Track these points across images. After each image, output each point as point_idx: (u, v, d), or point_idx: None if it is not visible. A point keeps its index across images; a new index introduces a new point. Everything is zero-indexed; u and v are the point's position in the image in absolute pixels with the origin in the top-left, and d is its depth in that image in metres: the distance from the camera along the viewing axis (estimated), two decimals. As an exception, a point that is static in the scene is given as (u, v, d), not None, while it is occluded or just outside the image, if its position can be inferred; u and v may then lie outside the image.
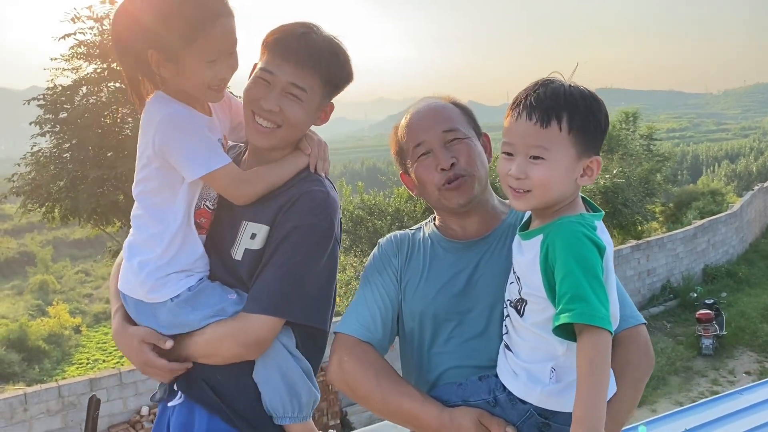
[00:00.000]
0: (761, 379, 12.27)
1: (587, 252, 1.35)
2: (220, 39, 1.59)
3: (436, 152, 1.72)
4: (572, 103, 1.40)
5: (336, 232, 1.74)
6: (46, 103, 14.89)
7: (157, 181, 1.69)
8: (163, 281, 1.69)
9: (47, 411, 9.15)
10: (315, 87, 1.69)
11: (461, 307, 1.71)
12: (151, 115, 1.67)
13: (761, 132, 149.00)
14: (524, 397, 1.49)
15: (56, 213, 15.25)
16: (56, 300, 29.07)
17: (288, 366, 1.71)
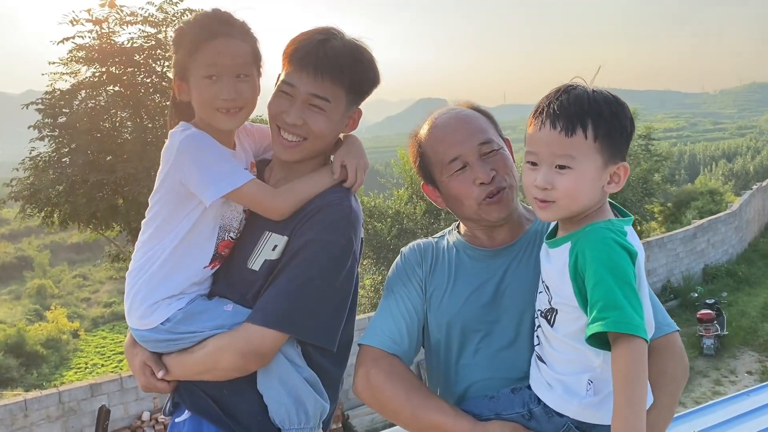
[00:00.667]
0: (763, 378, 12.30)
1: (618, 258, 1.31)
2: (218, 54, 1.60)
3: (474, 166, 1.67)
4: (597, 110, 1.36)
5: (355, 248, 1.70)
6: (45, 108, 14.84)
7: (163, 208, 1.69)
8: (153, 308, 1.68)
9: (47, 417, 9.10)
10: (338, 96, 1.66)
11: (489, 317, 1.67)
12: (171, 142, 1.68)
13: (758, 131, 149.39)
14: (561, 410, 1.46)
15: (55, 217, 15.20)
16: (54, 304, 29.02)
17: (289, 376, 1.67)
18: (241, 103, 1.65)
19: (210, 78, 1.62)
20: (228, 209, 1.72)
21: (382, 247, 17.97)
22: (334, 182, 1.72)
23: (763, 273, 20.32)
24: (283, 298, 1.63)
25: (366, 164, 1.78)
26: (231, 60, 1.62)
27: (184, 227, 1.68)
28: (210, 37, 1.61)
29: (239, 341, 1.62)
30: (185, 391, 1.74)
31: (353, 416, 11.58)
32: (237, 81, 1.63)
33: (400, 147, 21.50)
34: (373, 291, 18.37)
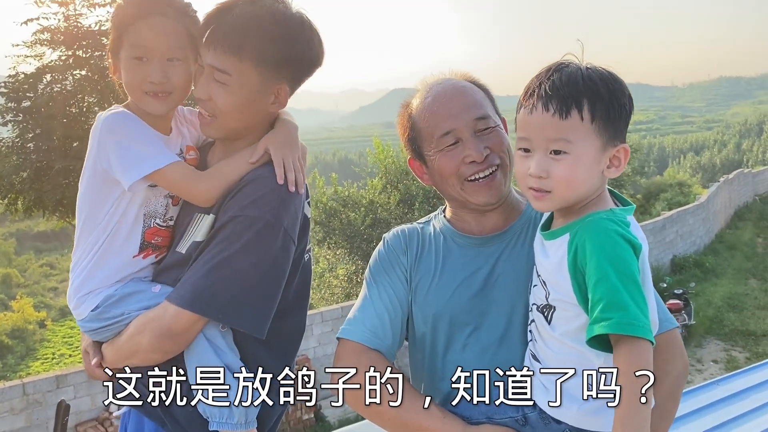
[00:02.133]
0: (728, 366, 12.58)
1: (622, 252, 1.20)
2: (148, 35, 1.54)
3: (468, 143, 1.54)
4: (593, 88, 1.24)
5: (286, 227, 1.54)
6: (8, 92, 14.44)
7: (89, 195, 1.63)
8: (84, 298, 1.64)
9: (11, 410, 8.87)
10: (243, 69, 1.53)
11: (479, 309, 1.56)
12: (96, 123, 1.61)
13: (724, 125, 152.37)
14: (559, 416, 1.35)
15: (19, 205, 14.85)
16: (20, 294, 28.42)
17: (207, 361, 1.53)
18: (170, 87, 1.58)
19: (139, 59, 1.56)
20: (151, 194, 1.64)
21: (356, 236, 17.91)
22: (252, 165, 1.59)
23: (729, 264, 20.79)
24: (199, 278, 1.50)
25: (299, 153, 1.64)
26: (162, 41, 1.55)
27: (110, 216, 1.61)
28: (143, 16, 1.54)
29: (155, 321, 1.53)
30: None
31: (326, 407, 11.54)
32: (168, 64, 1.57)
33: (374, 136, 21.41)
34: (347, 281, 18.32)
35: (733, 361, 13.13)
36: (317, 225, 18.51)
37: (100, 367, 1.66)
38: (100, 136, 1.57)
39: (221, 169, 1.60)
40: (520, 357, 1.50)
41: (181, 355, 1.57)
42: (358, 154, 72.85)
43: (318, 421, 11.32)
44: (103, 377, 1.68)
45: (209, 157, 1.72)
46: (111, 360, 1.65)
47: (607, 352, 1.22)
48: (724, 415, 3.57)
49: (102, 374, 1.67)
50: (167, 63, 1.57)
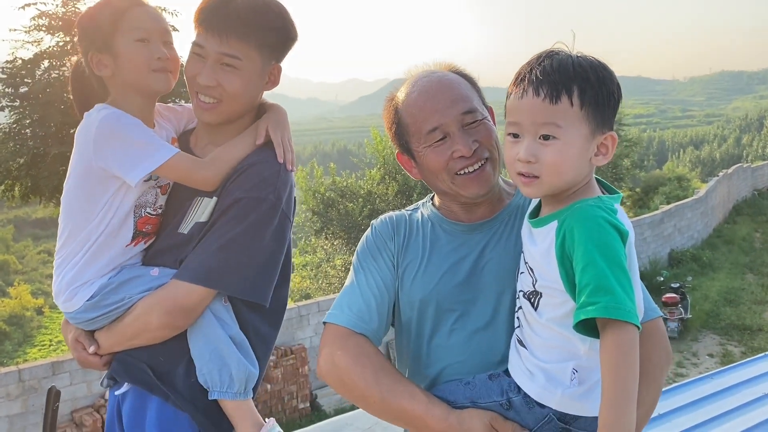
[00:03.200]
0: (724, 360, 12.62)
1: (609, 238, 1.21)
2: (145, 18, 1.63)
3: (455, 137, 1.54)
4: (583, 76, 1.26)
5: (283, 207, 1.67)
6: (5, 77, 14.37)
7: (80, 193, 1.67)
8: (76, 290, 1.68)
9: (7, 395, 8.90)
10: (249, 53, 1.63)
11: (465, 296, 1.56)
12: (86, 123, 1.64)
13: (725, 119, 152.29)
14: (543, 400, 1.35)
15: (16, 191, 14.84)
16: (18, 280, 28.42)
17: (215, 333, 1.63)
18: (172, 65, 1.67)
19: (142, 41, 1.62)
20: (142, 186, 1.69)
21: (354, 227, 17.91)
22: (258, 146, 1.70)
23: (726, 258, 20.83)
24: (209, 255, 1.61)
25: (290, 136, 1.78)
26: (158, 25, 1.65)
27: (105, 212, 1.66)
28: (134, 4, 1.64)
29: (166, 299, 1.61)
30: (121, 363, 1.72)
31: (321, 396, 11.57)
32: (166, 46, 1.66)
33: (373, 127, 21.36)
34: (344, 271, 18.33)
35: (728, 356, 13.18)
36: (315, 215, 18.51)
37: (96, 356, 1.72)
38: (96, 137, 1.60)
39: (223, 154, 1.68)
40: (506, 343, 1.50)
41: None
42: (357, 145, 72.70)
43: (314, 410, 11.36)
44: (98, 365, 1.73)
45: (192, 143, 1.79)
46: (108, 345, 1.70)
47: (593, 337, 1.23)
48: (717, 409, 3.58)
49: (97, 362, 1.73)
50: (164, 45, 1.66)
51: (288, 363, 11.15)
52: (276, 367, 10.92)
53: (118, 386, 1.75)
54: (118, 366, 1.72)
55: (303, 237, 20.17)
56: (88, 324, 1.71)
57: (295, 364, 11.26)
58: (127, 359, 1.70)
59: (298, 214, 19.20)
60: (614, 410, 1.17)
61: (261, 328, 1.75)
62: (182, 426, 1.66)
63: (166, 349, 1.67)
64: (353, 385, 1.52)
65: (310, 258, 19.93)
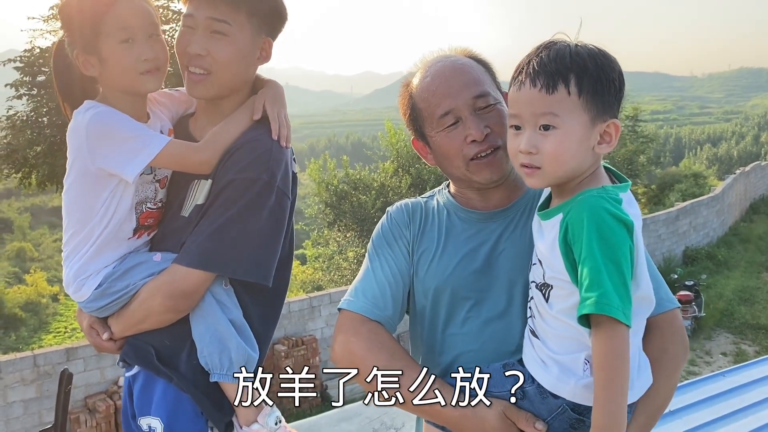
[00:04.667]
0: (737, 359, 12.52)
1: (608, 232, 1.20)
2: (127, 16, 1.58)
3: (467, 122, 1.53)
4: (580, 64, 1.26)
5: (279, 184, 1.64)
6: (23, 66, 14.48)
7: (80, 192, 1.67)
8: (83, 281, 1.70)
9: (22, 380, 9.03)
10: (239, 19, 1.61)
11: (480, 284, 1.55)
12: (76, 124, 1.62)
13: (743, 117, 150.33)
14: (556, 390, 1.35)
15: (33, 179, 14.96)
16: (34, 268, 28.77)
17: (215, 316, 1.64)
18: (158, 63, 1.64)
19: (126, 42, 1.59)
20: (140, 182, 1.70)
21: (366, 219, 17.92)
22: (254, 121, 1.67)
23: (742, 257, 20.62)
24: (204, 238, 1.61)
25: (287, 110, 1.74)
26: (142, 20, 1.60)
27: (106, 209, 1.67)
28: (112, 3, 1.57)
29: (165, 283, 1.63)
30: (130, 346, 1.74)
31: (332, 387, 11.62)
32: (151, 40, 1.62)
33: (387, 120, 21.33)
34: (356, 263, 18.36)
35: (742, 354, 13.08)
36: (328, 207, 18.53)
37: (110, 341, 1.74)
38: (88, 137, 1.59)
39: (217, 135, 1.66)
40: (520, 333, 1.50)
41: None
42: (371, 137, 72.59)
43: (324, 401, 11.40)
44: (113, 349, 1.76)
45: (191, 127, 1.78)
46: (120, 330, 1.73)
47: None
48: (729, 407, 3.56)
49: (112, 346, 1.76)
50: (150, 39, 1.61)
51: (299, 353, 11.21)
52: (287, 358, 10.98)
53: (131, 368, 1.78)
54: (128, 349, 1.74)
55: (315, 229, 20.22)
56: (100, 311, 1.73)
57: (306, 354, 11.32)
58: (135, 342, 1.72)
59: (311, 206, 19.23)
60: (602, 406, 1.18)
61: (261, 311, 1.75)
62: (186, 407, 1.67)
63: (171, 332, 1.68)
64: (367, 372, 1.50)
65: (323, 250, 19.98)
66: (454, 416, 1.43)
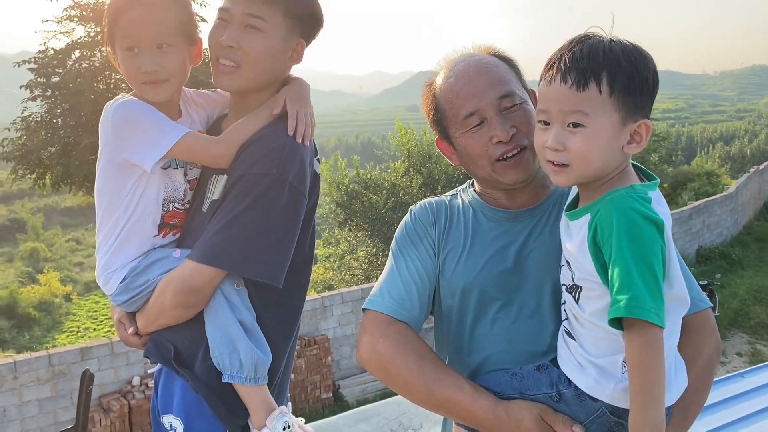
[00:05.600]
0: (753, 360, 12.40)
1: (638, 232, 1.17)
2: (134, 24, 1.59)
3: (493, 122, 1.51)
4: (613, 61, 1.22)
5: (291, 181, 1.60)
6: (38, 67, 14.58)
7: (108, 181, 1.69)
8: (110, 275, 1.72)
9: (37, 379, 9.09)
10: (275, 17, 1.61)
11: (509, 284, 1.52)
12: (105, 116, 1.66)
13: (756, 115, 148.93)
14: (595, 393, 1.31)
15: (47, 180, 15.06)
16: (47, 268, 29.03)
17: (224, 316, 1.62)
18: (164, 75, 1.63)
19: (131, 50, 1.61)
20: (169, 180, 1.71)
21: (377, 219, 17.92)
22: (273, 117, 1.66)
23: (757, 256, 20.42)
24: (213, 234, 1.60)
25: (311, 109, 1.73)
26: (150, 30, 1.59)
27: (129, 200, 1.68)
28: (129, 7, 1.59)
29: (175, 279, 1.63)
30: (153, 343, 1.75)
31: (344, 386, 11.63)
32: (159, 52, 1.61)
33: (398, 119, 21.31)
34: (367, 263, 18.36)
35: (757, 355, 12.95)
36: (339, 207, 18.54)
37: (136, 336, 1.75)
38: (113, 127, 1.62)
39: (235, 130, 1.66)
40: (551, 333, 1.47)
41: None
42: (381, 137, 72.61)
43: (336, 401, 11.42)
44: (138, 344, 1.77)
45: (223, 126, 1.76)
46: (142, 325, 1.74)
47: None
48: (747, 408, 3.51)
49: (137, 341, 1.77)
50: (158, 50, 1.61)
51: (311, 353, 11.23)
52: (299, 357, 11.00)
53: (155, 364, 1.80)
54: (151, 345, 1.75)
55: (327, 229, 20.24)
56: (125, 306, 1.75)
57: (319, 354, 11.33)
58: (159, 339, 1.72)
59: (322, 205, 19.25)
60: (641, 414, 1.16)
61: (276, 313, 1.72)
62: (205, 408, 1.66)
63: (191, 331, 1.67)
64: (396, 373, 1.49)
65: (334, 250, 20.00)
66: (489, 419, 1.40)
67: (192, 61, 1.70)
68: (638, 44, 1.26)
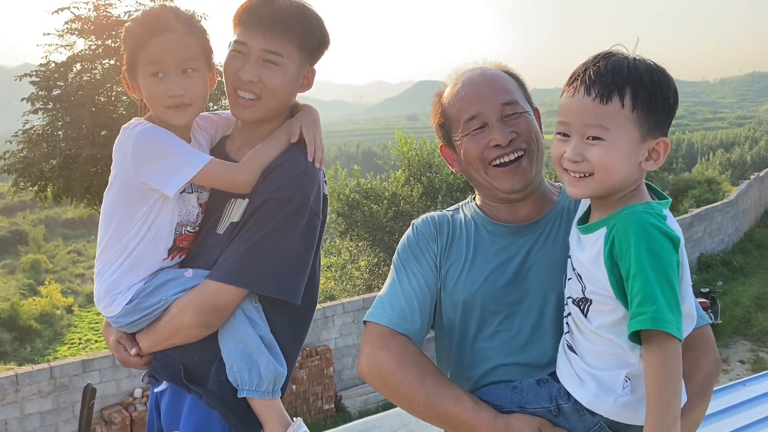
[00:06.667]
0: (755, 367, 12.36)
1: (658, 247, 1.20)
2: (162, 51, 1.62)
3: (493, 126, 1.54)
4: (637, 78, 1.25)
5: (311, 205, 1.69)
6: (39, 80, 14.67)
7: (119, 205, 1.71)
8: (114, 296, 1.73)
9: (39, 392, 9.07)
10: (290, 51, 1.68)
11: (510, 298, 1.54)
12: (123, 138, 1.68)
13: (756, 121, 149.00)
14: (594, 408, 1.33)
15: (49, 192, 15.11)
16: (48, 279, 28.99)
17: (245, 333, 1.66)
18: (189, 99, 1.67)
19: (156, 75, 1.64)
20: (183, 204, 1.74)
21: (378, 228, 17.91)
22: (291, 143, 1.73)
23: (758, 263, 20.38)
24: (238, 255, 1.65)
25: (322, 133, 1.80)
26: (176, 55, 1.63)
27: (142, 223, 1.71)
28: (153, 34, 1.63)
29: (197, 298, 1.66)
30: (159, 362, 1.76)
31: (346, 397, 11.60)
32: (184, 76, 1.65)
33: (398, 128, 21.35)
34: (369, 273, 18.34)
35: (760, 362, 12.91)
36: (339, 217, 18.55)
37: (138, 356, 1.77)
38: (134, 151, 1.64)
39: (255, 156, 1.71)
40: (552, 347, 1.49)
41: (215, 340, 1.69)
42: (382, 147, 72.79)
43: (338, 412, 11.38)
44: (139, 365, 1.78)
45: (227, 148, 1.83)
46: (148, 345, 1.75)
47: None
48: (750, 416, 3.51)
49: (139, 362, 1.78)
50: (183, 75, 1.65)
51: (313, 364, 11.21)
52: (301, 368, 10.98)
53: (158, 383, 1.79)
54: (157, 364, 1.76)
55: (328, 238, 20.23)
56: (129, 327, 1.76)
57: (320, 365, 11.31)
58: (165, 359, 1.74)
59: (323, 215, 19.21)
60: (659, 423, 1.16)
61: (289, 328, 1.78)
62: (214, 424, 1.68)
63: (201, 349, 1.70)
64: (397, 386, 1.50)
65: (335, 259, 19.99)
66: None
67: (210, 85, 1.74)
68: (660, 64, 1.29)
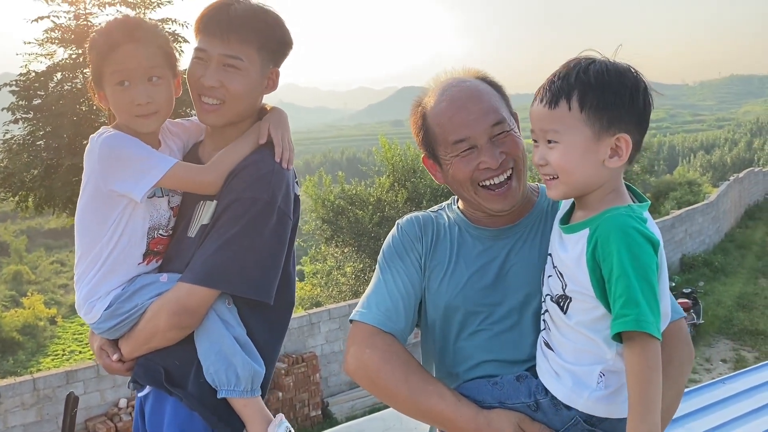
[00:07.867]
0: (737, 366, 12.51)
1: (639, 250, 1.25)
2: (124, 61, 1.64)
3: (483, 149, 1.55)
4: (584, 81, 1.30)
5: (280, 205, 1.69)
6: (19, 90, 14.54)
7: (91, 214, 1.73)
8: (93, 303, 1.74)
9: (22, 404, 8.97)
10: (250, 54, 1.70)
11: (491, 299, 1.58)
12: (90, 147, 1.70)
13: (735, 123, 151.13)
14: (569, 402, 1.38)
15: (30, 202, 14.96)
16: (31, 291, 28.68)
17: (219, 334, 1.68)
18: (155, 107, 1.69)
19: (122, 84, 1.66)
20: (154, 209, 1.76)
21: (364, 234, 17.93)
22: (259, 145, 1.75)
23: (739, 263, 20.67)
24: (208, 256, 1.66)
25: (290, 134, 1.82)
26: (141, 64, 1.65)
27: (114, 230, 1.72)
28: (117, 44, 1.65)
29: (170, 301, 1.67)
30: (141, 367, 1.78)
31: (333, 403, 11.58)
32: (149, 85, 1.67)
33: (382, 135, 21.40)
34: (354, 278, 18.34)
35: (742, 361, 13.07)
36: (325, 223, 18.55)
37: (120, 362, 1.78)
38: (100, 159, 1.66)
39: (223, 158, 1.72)
40: (532, 343, 1.53)
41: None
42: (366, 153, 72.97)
43: (325, 418, 11.36)
44: (122, 371, 1.79)
45: (200, 153, 1.85)
46: (129, 351, 1.77)
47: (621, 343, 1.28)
48: (730, 413, 3.55)
49: (121, 368, 1.80)
50: (148, 83, 1.67)
51: (299, 371, 11.17)
52: (287, 375, 10.94)
53: (142, 389, 1.81)
54: (139, 369, 1.78)
55: (313, 245, 20.20)
56: (110, 333, 1.77)
57: (307, 371, 11.28)
58: (146, 363, 1.76)
59: (308, 222, 19.24)
60: (640, 418, 1.21)
61: (267, 328, 1.79)
62: (197, 425, 1.70)
63: (180, 352, 1.72)
64: (382, 384, 1.54)
65: (321, 266, 19.97)
66: (471, 428, 1.46)
67: (175, 92, 1.76)
68: (625, 64, 1.33)
